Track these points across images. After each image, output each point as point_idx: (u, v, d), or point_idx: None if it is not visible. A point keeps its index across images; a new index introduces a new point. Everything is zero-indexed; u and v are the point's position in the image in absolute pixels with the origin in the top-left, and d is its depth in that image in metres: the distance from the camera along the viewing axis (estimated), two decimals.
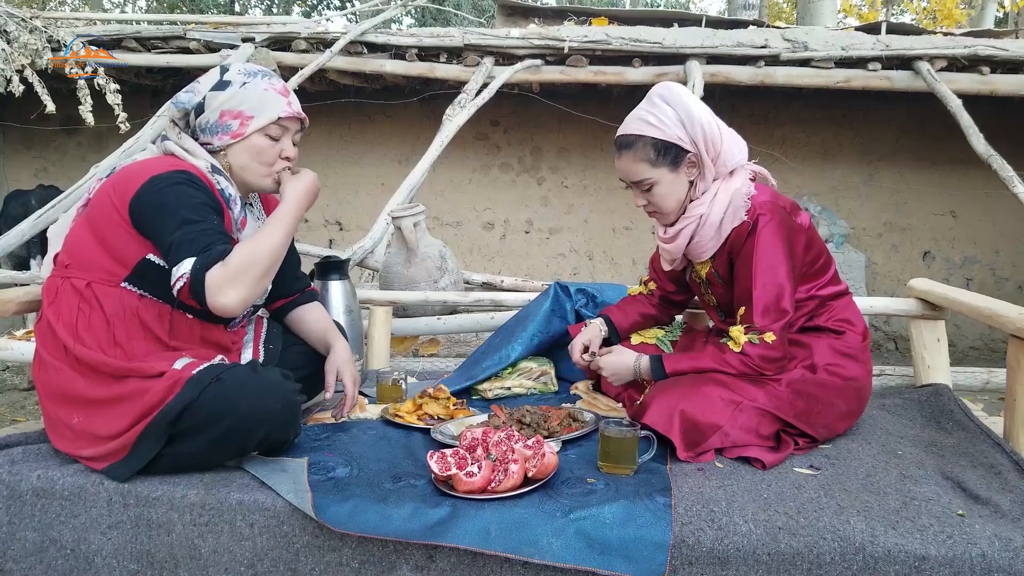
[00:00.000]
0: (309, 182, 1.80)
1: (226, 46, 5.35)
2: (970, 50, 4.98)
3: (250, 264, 1.58)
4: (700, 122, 1.84)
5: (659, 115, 1.84)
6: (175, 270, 1.55)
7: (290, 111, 1.78)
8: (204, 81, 1.78)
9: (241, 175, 1.79)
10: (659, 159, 1.85)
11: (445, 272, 3.31)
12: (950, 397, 2.19)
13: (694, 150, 1.85)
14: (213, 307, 1.55)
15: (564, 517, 1.42)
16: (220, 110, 1.74)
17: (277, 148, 1.80)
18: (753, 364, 1.79)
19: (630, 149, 1.87)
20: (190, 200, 1.61)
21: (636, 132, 1.87)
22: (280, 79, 1.84)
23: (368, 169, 6.79)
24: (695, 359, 1.86)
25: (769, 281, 1.80)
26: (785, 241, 1.82)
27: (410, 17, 17.42)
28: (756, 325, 1.79)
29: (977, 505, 1.50)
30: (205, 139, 1.77)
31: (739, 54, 5.10)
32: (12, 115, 6.42)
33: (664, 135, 1.83)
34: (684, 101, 1.85)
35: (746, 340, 1.79)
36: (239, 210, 1.78)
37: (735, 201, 1.86)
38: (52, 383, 1.64)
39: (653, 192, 1.89)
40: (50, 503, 1.56)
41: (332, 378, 1.95)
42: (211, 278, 1.53)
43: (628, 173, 1.90)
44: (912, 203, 6.49)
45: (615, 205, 6.64)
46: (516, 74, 5.18)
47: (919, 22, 13.65)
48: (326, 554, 1.47)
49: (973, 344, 6.47)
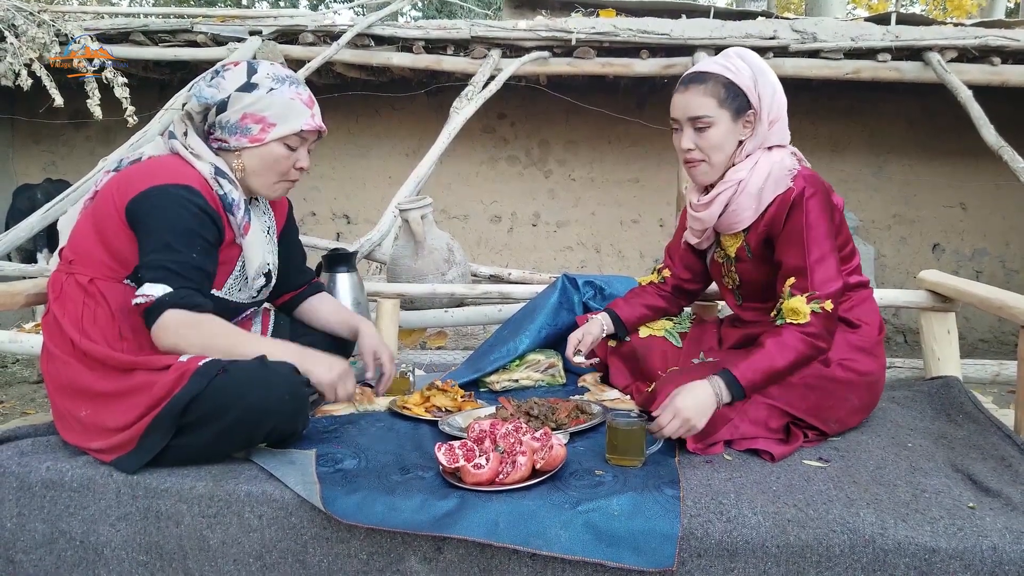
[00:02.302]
0: (336, 374, 1.70)
1: (233, 39, 5.34)
2: (980, 41, 4.93)
3: (207, 340, 1.60)
4: (771, 83, 1.88)
5: (736, 65, 1.87)
6: (145, 287, 1.58)
7: (313, 124, 1.77)
8: (230, 78, 1.74)
9: (250, 179, 1.78)
10: (727, 100, 1.85)
11: (453, 265, 3.31)
12: (960, 389, 2.17)
13: (757, 107, 1.86)
14: (152, 334, 1.60)
15: (572, 509, 1.41)
16: (243, 112, 1.72)
17: (293, 158, 1.79)
18: (817, 337, 1.72)
19: (701, 83, 1.87)
20: (178, 223, 1.62)
21: (712, 71, 1.87)
22: (306, 88, 1.81)
23: (375, 162, 6.79)
24: (762, 360, 1.72)
25: (826, 249, 1.78)
26: (830, 216, 1.82)
27: (416, 10, 17.38)
28: (816, 292, 1.74)
29: (988, 498, 1.49)
30: (220, 135, 1.75)
31: (747, 45, 4.97)
32: (21, 109, 6.44)
33: (738, 80, 1.85)
34: (759, 62, 1.90)
35: (811, 309, 1.73)
36: (242, 214, 1.76)
37: (776, 172, 1.85)
38: (60, 376, 1.65)
39: (706, 135, 1.87)
40: (59, 495, 1.57)
41: (371, 359, 1.97)
42: (171, 316, 1.58)
43: (691, 107, 1.87)
44: (922, 195, 6.45)
45: (623, 198, 6.63)
46: (523, 66, 5.16)
47: (929, 12, 13.55)
48: (334, 546, 1.48)
49: (983, 336, 6.44)
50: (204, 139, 1.76)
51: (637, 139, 6.41)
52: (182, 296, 1.59)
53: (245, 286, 1.83)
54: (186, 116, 1.79)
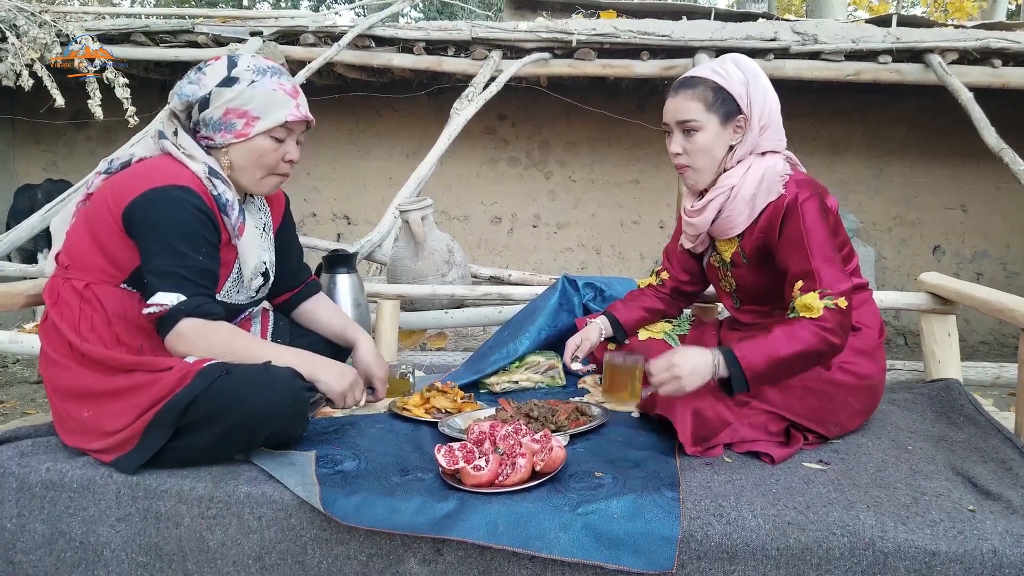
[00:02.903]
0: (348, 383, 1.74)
1: (234, 40, 5.35)
2: (981, 43, 4.93)
3: (221, 349, 1.61)
4: (764, 88, 1.88)
5: (728, 70, 1.88)
6: (156, 296, 1.57)
7: (298, 114, 1.74)
8: (210, 73, 1.72)
9: (238, 176, 1.76)
10: (715, 105, 1.86)
11: (453, 266, 3.31)
12: (960, 392, 2.17)
13: (747, 113, 1.86)
14: (167, 343, 1.60)
15: (572, 511, 1.41)
16: (225, 108, 1.70)
17: (281, 151, 1.76)
18: (830, 332, 1.68)
19: (690, 88, 1.88)
20: (181, 226, 1.60)
21: (702, 75, 1.88)
22: (289, 77, 1.78)
23: (376, 163, 6.79)
24: (767, 345, 1.68)
25: (828, 251, 1.77)
26: (826, 218, 1.82)
27: (417, 11, 17.39)
28: (828, 290, 1.71)
29: (988, 501, 1.49)
30: (206, 133, 1.73)
31: (748, 47, 5.07)
32: (22, 109, 6.45)
33: (728, 86, 1.86)
34: (754, 68, 1.90)
35: (823, 305, 1.70)
36: (236, 214, 1.73)
37: (768, 177, 1.85)
38: (60, 380, 1.64)
39: (694, 139, 1.88)
40: (59, 495, 1.56)
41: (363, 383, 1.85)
42: (186, 325, 1.58)
43: (679, 111, 1.88)
44: (922, 197, 6.45)
45: (623, 199, 6.63)
46: (524, 67, 5.16)
47: (930, 14, 13.55)
48: (334, 547, 1.48)
49: (984, 339, 6.43)
50: (192, 138, 1.74)
51: (638, 140, 6.41)
52: (196, 304, 1.59)
53: (243, 287, 1.82)
54: (172, 115, 1.76)
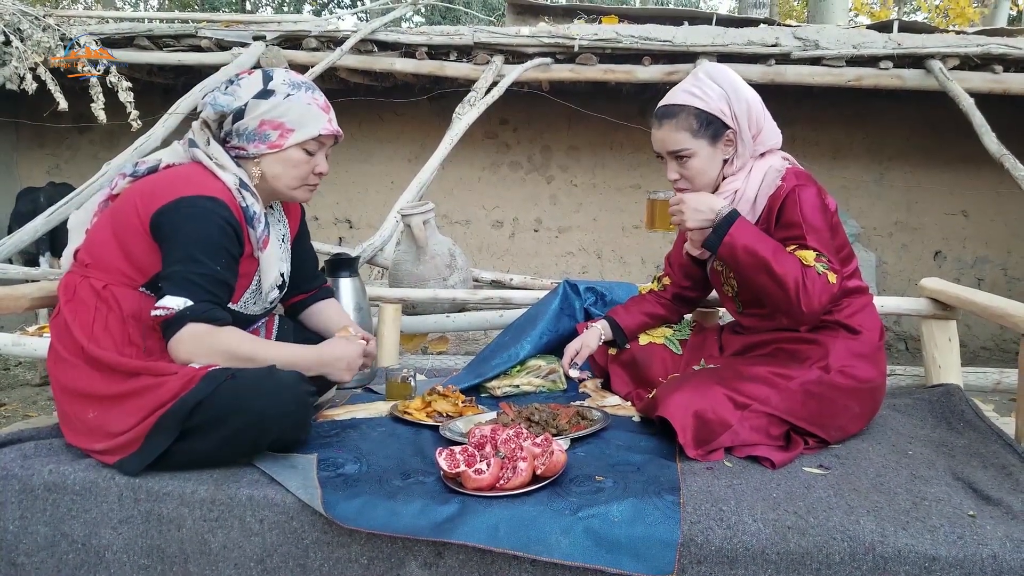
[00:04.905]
0: (351, 355, 1.77)
1: (237, 44, 5.36)
2: (982, 48, 4.95)
3: (225, 353, 1.61)
4: (746, 98, 1.87)
5: (704, 89, 1.87)
6: (165, 299, 1.58)
7: (330, 128, 1.79)
8: (246, 86, 1.75)
9: (272, 184, 1.79)
10: (700, 130, 1.86)
11: (454, 270, 3.32)
12: (961, 397, 2.17)
13: (734, 126, 1.87)
14: (169, 347, 1.60)
15: (572, 515, 1.42)
16: (261, 119, 1.73)
17: (312, 163, 1.80)
18: (807, 290, 1.69)
19: (672, 119, 1.88)
20: (206, 236, 1.62)
21: (680, 102, 1.88)
22: (321, 93, 1.83)
23: (378, 167, 6.80)
24: (761, 241, 1.74)
25: (825, 236, 1.79)
26: (823, 207, 1.83)
27: (420, 16, 17.42)
28: (824, 256, 1.74)
29: (988, 506, 1.49)
30: (238, 143, 1.76)
31: (750, 52, 5.08)
32: (25, 113, 6.46)
33: (708, 107, 1.86)
34: (730, 78, 1.89)
35: (817, 268, 1.72)
36: (262, 228, 1.76)
37: (769, 176, 1.87)
38: (67, 378, 1.65)
39: (688, 165, 1.89)
40: (62, 498, 1.57)
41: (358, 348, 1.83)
42: (190, 330, 1.58)
43: (667, 143, 1.90)
44: (923, 202, 6.45)
45: (624, 204, 6.63)
46: (526, 72, 5.17)
47: (931, 20, 13.56)
48: (335, 550, 1.48)
49: (984, 344, 6.43)
50: (222, 148, 1.77)
51: (639, 145, 6.42)
52: (203, 310, 1.59)
53: (259, 299, 1.85)
54: (203, 125, 1.79)
